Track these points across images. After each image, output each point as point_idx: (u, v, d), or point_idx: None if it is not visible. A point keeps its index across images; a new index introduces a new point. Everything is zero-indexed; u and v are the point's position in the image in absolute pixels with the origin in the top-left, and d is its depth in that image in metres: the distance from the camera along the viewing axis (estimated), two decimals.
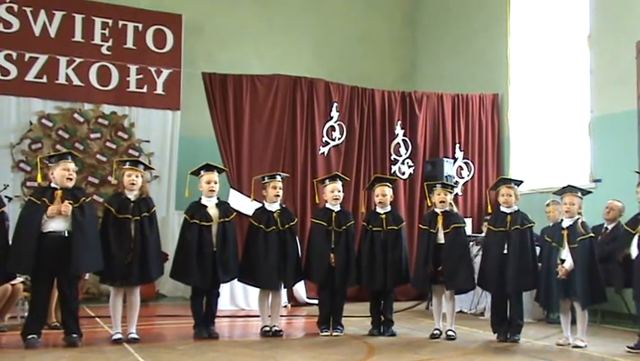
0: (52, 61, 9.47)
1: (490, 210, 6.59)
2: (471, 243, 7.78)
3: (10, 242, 5.32)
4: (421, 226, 6.28)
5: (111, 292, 5.67)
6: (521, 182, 6.24)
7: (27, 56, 9.33)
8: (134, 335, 5.56)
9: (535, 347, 5.72)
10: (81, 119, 9.61)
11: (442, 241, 5.99)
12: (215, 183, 5.98)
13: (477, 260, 6.95)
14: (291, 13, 11.44)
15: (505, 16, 10.05)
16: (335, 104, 9.16)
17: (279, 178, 6.23)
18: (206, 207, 5.91)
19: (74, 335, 5.33)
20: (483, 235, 7.18)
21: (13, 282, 6.11)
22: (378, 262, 6.09)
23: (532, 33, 9.71)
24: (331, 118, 9.16)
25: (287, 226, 6.13)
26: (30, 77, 9.35)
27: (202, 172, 5.98)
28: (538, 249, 6.13)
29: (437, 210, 6.12)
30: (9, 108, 9.25)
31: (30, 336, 5.24)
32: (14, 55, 9.27)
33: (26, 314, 6.09)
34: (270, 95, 8.78)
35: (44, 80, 9.43)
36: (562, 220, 5.78)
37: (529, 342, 5.90)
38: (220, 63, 9.69)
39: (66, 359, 4.85)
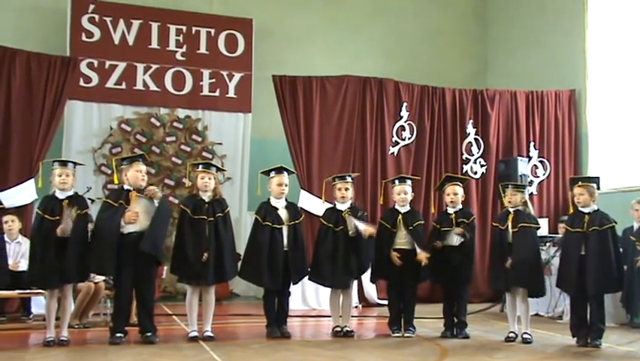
0: (131, 68, 9.87)
1: (572, 211, 6.29)
2: (547, 244, 7.58)
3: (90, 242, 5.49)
4: (493, 223, 6.22)
5: (187, 290, 5.83)
6: (595, 179, 5.96)
7: (107, 63, 9.76)
8: (210, 333, 5.69)
9: (618, 352, 5.48)
10: (157, 124, 9.96)
11: (511, 240, 5.86)
12: (286, 185, 6.04)
13: (554, 261, 6.75)
14: (359, 14, 11.45)
15: (582, 8, 9.68)
16: (405, 104, 9.09)
17: (348, 179, 6.22)
18: (277, 208, 5.97)
19: (149, 334, 5.50)
20: (559, 235, 6.95)
21: (95, 280, 6.41)
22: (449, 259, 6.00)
23: (612, 25, 9.30)
24: (401, 118, 9.10)
25: None
26: (110, 83, 9.77)
27: (273, 173, 6.06)
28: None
29: (510, 209, 6.00)
30: (91, 114, 9.71)
31: (118, 335, 5.45)
32: (95, 63, 9.70)
33: (109, 312, 6.37)
34: (339, 96, 8.82)
35: (123, 86, 9.83)
36: None
37: (612, 347, 5.65)
38: (289, 65, 9.81)
39: (145, 355, 5.02)
